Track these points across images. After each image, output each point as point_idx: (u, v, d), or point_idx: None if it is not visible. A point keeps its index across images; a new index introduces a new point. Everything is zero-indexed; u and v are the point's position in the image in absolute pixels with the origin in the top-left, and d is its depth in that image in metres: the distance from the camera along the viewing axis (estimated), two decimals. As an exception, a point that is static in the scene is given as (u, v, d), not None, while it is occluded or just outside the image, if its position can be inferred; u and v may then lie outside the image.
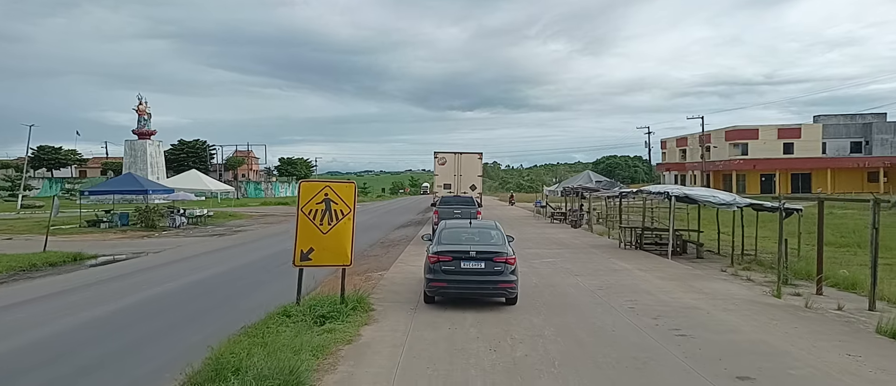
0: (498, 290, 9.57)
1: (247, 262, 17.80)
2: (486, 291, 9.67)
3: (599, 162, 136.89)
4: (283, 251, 17.96)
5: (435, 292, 9.72)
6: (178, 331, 9.35)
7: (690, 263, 15.83)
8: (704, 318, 9.18)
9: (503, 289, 9.53)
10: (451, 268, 9.44)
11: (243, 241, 25.00)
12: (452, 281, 9.43)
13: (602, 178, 35.03)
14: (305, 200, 9.12)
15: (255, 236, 27.15)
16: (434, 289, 9.63)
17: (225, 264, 17.23)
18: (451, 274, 9.43)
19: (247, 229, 31.40)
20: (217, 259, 18.52)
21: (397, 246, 20.95)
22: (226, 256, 19.42)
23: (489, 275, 9.44)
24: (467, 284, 9.49)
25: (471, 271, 9.44)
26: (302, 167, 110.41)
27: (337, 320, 8.25)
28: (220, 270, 16.08)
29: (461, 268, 9.43)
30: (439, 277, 9.47)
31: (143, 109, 67.47)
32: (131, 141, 66.88)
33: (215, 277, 14.77)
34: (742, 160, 58.66)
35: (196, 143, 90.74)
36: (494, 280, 9.45)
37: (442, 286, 9.52)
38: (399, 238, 24.31)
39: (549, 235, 24.75)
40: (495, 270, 9.45)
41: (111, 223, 31.63)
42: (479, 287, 9.58)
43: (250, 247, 22.31)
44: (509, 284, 9.51)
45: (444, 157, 32.30)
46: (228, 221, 37.14)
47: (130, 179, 33.74)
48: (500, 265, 9.46)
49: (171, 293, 12.54)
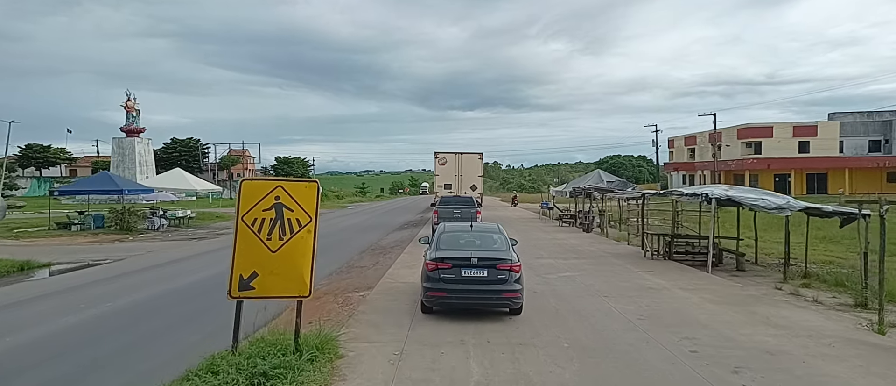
0: (502, 300, 8.80)
1: (215, 273, 15.28)
2: (488, 301, 8.88)
3: (603, 162, 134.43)
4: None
5: (433, 302, 8.93)
6: (85, 379, 6.80)
7: (734, 278, 13.26)
8: (803, 370, 6.62)
9: (507, 299, 8.77)
10: (450, 276, 8.72)
11: (222, 245, 22.48)
12: (452, 290, 8.70)
13: (613, 178, 32.42)
14: (248, 205, 6.60)
15: None
16: (432, 299, 8.87)
17: (189, 276, 14.71)
18: (450, 282, 8.71)
19: (231, 232, 28.85)
20: (182, 269, 15.99)
21: (390, 253, 18.40)
22: (195, 265, 16.88)
23: (492, 284, 8.71)
24: (468, 294, 8.72)
25: (472, 280, 8.71)
26: (299, 167, 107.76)
27: (284, 381, 5.68)
28: (180, 283, 13.55)
29: (462, 276, 8.70)
30: (438, 285, 8.75)
31: (132, 106, 64.91)
32: (119, 138, 64.32)
33: (169, 295, 12.24)
34: (755, 159, 55.99)
35: (189, 141, 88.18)
36: (498, 289, 8.70)
37: (441, 296, 8.77)
38: (393, 243, 21.77)
39: (560, 240, 22.18)
40: (499, 279, 8.72)
41: (83, 225, 29.12)
42: (482, 297, 8.79)
43: (227, 253, 19.76)
44: (514, 293, 8.75)
45: (445, 158, 31.94)
46: (214, 223, 34.68)
47: (105, 178, 31.17)
48: (504, 273, 8.73)
49: (104, 318, 10.00)
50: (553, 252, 18.15)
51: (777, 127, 57.49)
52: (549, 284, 12.22)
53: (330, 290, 11.72)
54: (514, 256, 9.10)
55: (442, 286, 8.70)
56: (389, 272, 13.94)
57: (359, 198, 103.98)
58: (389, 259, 16.89)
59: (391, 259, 16.86)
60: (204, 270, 15.87)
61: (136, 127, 64.67)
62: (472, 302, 8.84)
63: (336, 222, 35.99)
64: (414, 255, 17.63)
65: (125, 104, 64.75)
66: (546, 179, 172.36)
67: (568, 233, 25.83)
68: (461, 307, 8.90)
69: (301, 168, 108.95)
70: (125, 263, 17.33)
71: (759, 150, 57.05)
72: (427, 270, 8.92)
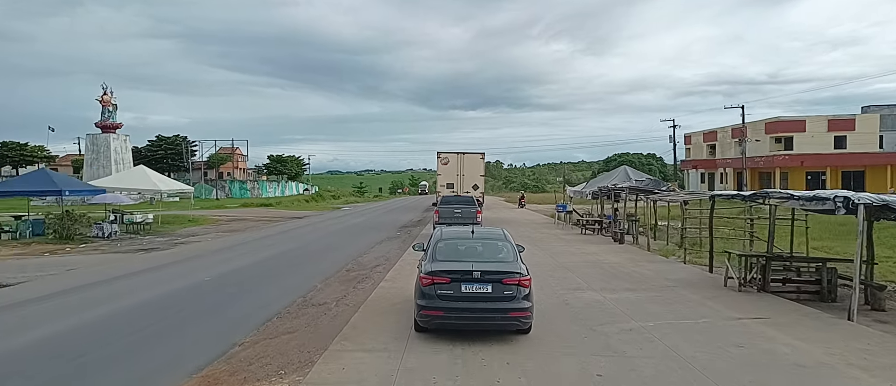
0: (508, 320, 7.52)
1: (131, 304, 10.49)
2: (493, 321, 7.55)
3: (610, 160, 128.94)
4: (220, 277, 13.95)
5: (428, 322, 7.63)
6: None
7: (884, 326, 8.40)
8: None
9: (515, 319, 7.51)
10: (448, 292, 7.48)
11: (176, 259, 17.75)
12: (451, 309, 7.44)
13: (642, 176, 27.42)
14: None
15: (197, 251, 19.83)
16: (427, 318, 7.59)
17: (92, 310, 10.12)
18: (448, 300, 7.46)
19: (195, 240, 24.02)
20: (93, 298, 11.30)
21: (371, 276, 13.54)
22: (113, 291, 12.13)
23: (498, 301, 7.46)
24: (469, 313, 7.47)
25: (474, 297, 7.46)
26: (293, 165, 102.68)
27: None
28: (73, 323, 8.91)
29: (462, 292, 7.46)
30: (434, 303, 7.49)
31: (108, 100, 59.98)
32: (93, 135, 59.44)
33: (45, 343, 7.47)
34: (787, 156, 50.89)
35: (175, 139, 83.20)
36: (504, 308, 7.45)
37: (437, 315, 7.51)
38: (378, 259, 16.89)
39: (593, 256, 17.22)
40: (506, 295, 7.46)
41: (16, 233, 24.30)
42: (485, 317, 7.48)
43: (174, 271, 15.09)
44: (523, 312, 7.49)
45: (447, 157, 31.75)
46: (180, 229, 29.92)
47: (42, 177, 26.26)
48: (511, 288, 7.48)
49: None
50: (592, 277, 13.21)
51: (810, 121, 52.40)
52: (614, 351, 7.29)
53: (233, 371, 6.79)
54: (523, 267, 7.86)
55: (439, 304, 7.51)
56: (354, 319, 9.01)
57: (356, 198, 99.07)
58: (366, 287, 12.04)
59: (369, 286, 12.02)
60: (120, 299, 11.23)
61: (112, 122, 59.76)
62: (474, 322, 7.59)
63: (322, 227, 31.07)
64: (403, 274, 12.88)
65: (101, 98, 59.82)
66: (549, 178, 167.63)
67: (596, 244, 20.90)
68: (461, 329, 7.68)
69: (295, 167, 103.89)
70: (26, 288, 12.56)
71: (791, 145, 51.95)
72: (421, 284, 7.69)
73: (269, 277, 13.90)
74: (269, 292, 11.84)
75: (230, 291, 12.03)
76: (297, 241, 23.67)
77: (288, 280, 13.48)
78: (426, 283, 7.57)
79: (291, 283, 13.03)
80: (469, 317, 7.46)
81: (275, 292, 11.85)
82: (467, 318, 7.47)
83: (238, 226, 32.86)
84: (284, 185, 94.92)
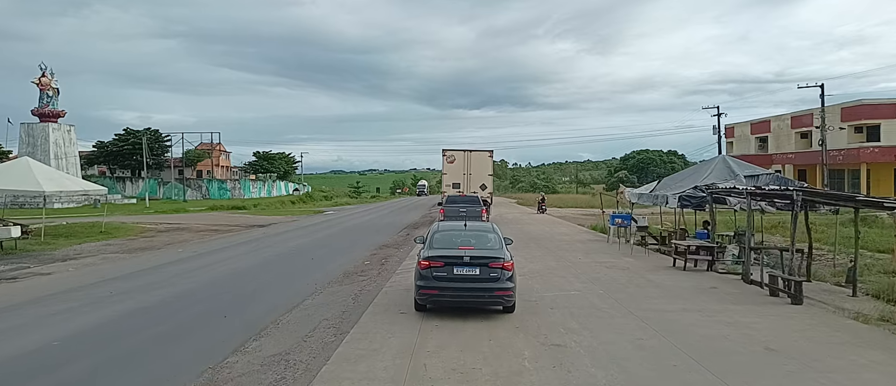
0: (494, 298, 8.95)
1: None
2: (481, 299, 8.98)
3: (629, 157, 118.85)
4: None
5: (426, 300, 9.14)
6: None
7: None
8: None
9: (500, 297, 8.93)
10: (442, 274, 8.89)
11: None
12: (445, 288, 8.87)
13: (758, 170, 17.59)
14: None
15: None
16: (425, 296, 9.08)
17: None
18: (443, 281, 8.87)
19: (44, 272, 14.20)
20: None
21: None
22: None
23: (484, 282, 8.87)
24: (461, 292, 8.89)
25: (464, 278, 8.87)
26: (281, 163, 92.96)
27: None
28: None
29: (454, 274, 8.87)
30: (430, 283, 8.91)
31: (48, 82, 50.41)
32: (29, 124, 49.85)
33: None
34: (876, 149, 40.69)
35: (147, 132, 73.64)
36: (490, 288, 8.86)
37: (433, 294, 8.97)
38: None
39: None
40: (491, 277, 8.88)
41: None
42: (474, 295, 8.93)
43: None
44: (506, 291, 8.89)
45: (454, 156, 30.57)
46: (69, 247, 20.75)
47: None
48: (496, 271, 8.87)
49: None
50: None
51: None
52: None
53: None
54: (506, 254, 9.18)
55: (434, 284, 8.81)
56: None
57: (348, 200, 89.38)
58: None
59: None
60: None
61: (51, 110, 50.20)
62: (465, 300, 8.93)
63: (260, 251, 21.24)
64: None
65: (38, 80, 50.27)
66: (556, 178, 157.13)
67: (738, 303, 11.03)
68: (453, 305, 9.00)
69: (284, 165, 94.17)
70: None
71: (877, 136, 41.75)
72: (420, 268, 9.02)
73: None
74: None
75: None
76: (191, 282, 13.87)
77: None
78: (424, 266, 8.93)
79: None
80: (460, 295, 8.86)
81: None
82: (459, 296, 8.86)
83: (161, 241, 23.37)
84: (271, 185, 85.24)
